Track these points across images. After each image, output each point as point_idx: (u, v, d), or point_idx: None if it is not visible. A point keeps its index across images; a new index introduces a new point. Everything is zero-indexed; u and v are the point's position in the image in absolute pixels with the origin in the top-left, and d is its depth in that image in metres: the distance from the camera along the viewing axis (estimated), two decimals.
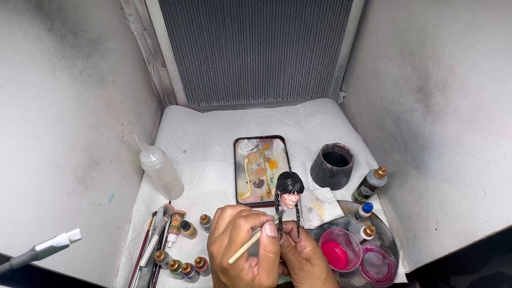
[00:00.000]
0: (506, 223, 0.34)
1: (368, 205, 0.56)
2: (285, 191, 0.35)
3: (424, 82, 0.50)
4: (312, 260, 0.37)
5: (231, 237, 0.31)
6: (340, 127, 0.83)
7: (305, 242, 0.38)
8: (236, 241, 0.30)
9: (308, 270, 0.36)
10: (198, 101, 0.90)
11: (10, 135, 0.32)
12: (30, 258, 0.20)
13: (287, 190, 0.34)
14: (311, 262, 0.37)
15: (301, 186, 0.35)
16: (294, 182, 0.34)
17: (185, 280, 0.54)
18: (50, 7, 0.41)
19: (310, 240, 0.39)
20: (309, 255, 0.37)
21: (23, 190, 0.33)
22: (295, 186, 0.34)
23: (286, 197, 0.35)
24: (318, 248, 0.39)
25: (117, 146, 0.58)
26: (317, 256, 0.37)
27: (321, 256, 0.38)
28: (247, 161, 0.75)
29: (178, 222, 0.61)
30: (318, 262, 0.37)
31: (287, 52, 0.78)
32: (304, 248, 0.38)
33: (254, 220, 0.32)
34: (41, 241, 0.20)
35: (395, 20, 0.58)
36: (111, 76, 0.58)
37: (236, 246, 0.30)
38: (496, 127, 0.36)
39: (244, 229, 0.31)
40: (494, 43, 0.36)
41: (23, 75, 0.35)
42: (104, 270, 0.49)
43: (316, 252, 0.38)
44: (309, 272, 0.36)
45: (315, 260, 0.37)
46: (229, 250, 0.30)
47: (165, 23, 0.68)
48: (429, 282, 0.51)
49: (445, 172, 0.46)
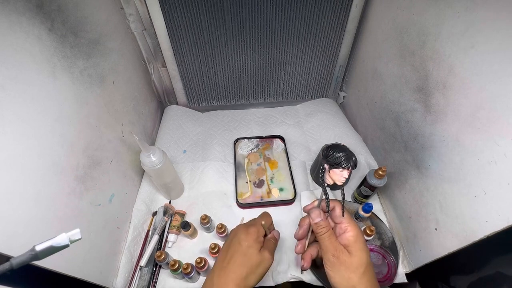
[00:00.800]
0: (506, 223, 0.34)
1: (368, 205, 0.56)
2: (338, 165, 0.31)
3: (424, 82, 0.50)
4: (351, 248, 0.32)
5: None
6: (340, 127, 0.83)
7: (346, 225, 0.33)
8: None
9: (344, 260, 0.31)
10: (198, 101, 0.90)
11: (10, 135, 0.32)
12: (30, 258, 0.20)
13: (340, 165, 0.30)
14: (349, 251, 0.32)
15: (356, 161, 0.31)
16: (349, 156, 0.31)
17: (185, 280, 0.54)
18: (51, 7, 0.41)
19: (354, 225, 0.33)
20: (349, 242, 0.32)
21: (23, 190, 0.33)
22: (350, 161, 0.31)
23: (338, 172, 0.31)
24: (361, 236, 0.33)
25: (117, 146, 0.58)
26: (358, 246, 0.32)
27: (363, 246, 0.32)
28: (247, 161, 0.75)
29: (178, 222, 0.61)
30: (358, 253, 0.32)
31: (287, 52, 0.78)
32: (344, 231, 0.33)
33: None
34: (41, 241, 0.20)
35: (395, 20, 0.58)
36: (111, 76, 0.58)
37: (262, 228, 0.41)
38: (496, 127, 0.36)
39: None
40: (494, 43, 0.36)
41: (23, 75, 0.35)
42: (104, 270, 0.49)
43: (358, 241, 0.32)
44: (345, 262, 0.31)
45: (355, 250, 0.32)
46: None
47: (165, 23, 0.68)
48: (429, 282, 0.51)
49: (445, 172, 0.46)
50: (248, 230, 0.38)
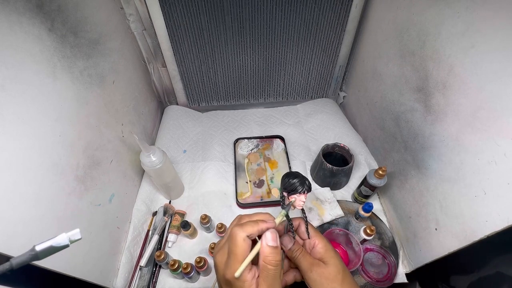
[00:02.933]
0: (506, 223, 0.34)
1: (368, 205, 0.56)
2: (294, 191, 0.33)
3: (424, 82, 0.50)
4: (325, 259, 0.33)
5: (228, 248, 0.29)
6: (340, 127, 0.83)
7: (314, 239, 0.35)
8: (234, 252, 0.28)
9: (322, 271, 0.32)
10: (198, 101, 0.90)
11: (10, 135, 0.32)
12: (30, 258, 0.20)
13: (296, 191, 0.33)
14: (324, 262, 0.33)
15: (310, 184, 0.33)
16: (302, 181, 0.33)
17: (185, 280, 0.54)
18: (51, 7, 0.41)
19: (320, 237, 0.35)
20: (321, 254, 0.34)
21: (23, 190, 0.33)
22: (304, 186, 0.33)
23: (296, 197, 0.33)
24: (329, 245, 0.35)
25: (117, 146, 0.58)
26: (330, 255, 0.33)
27: (334, 254, 0.34)
28: (247, 161, 0.75)
29: (178, 222, 0.61)
30: (332, 261, 0.33)
31: (287, 52, 0.78)
32: (314, 246, 0.34)
33: (251, 229, 0.29)
34: (41, 241, 0.20)
35: (395, 20, 0.58)
36: (111, 76, 0.58)
37: (234, 257, 0.28)
38: (496, 127, 0.36)
39: (239, 238, 0.28)
40: (494, 43, 0.36)
41: (23, 75, 0.35)
42: (104, 270, 0.49)
43: (328, 250, 0.34)
44: (324, 274, 0.32)
45: (328, 259, 0.33)
46: (228, 262, 0.29)
47: (165, 23, 0.68)
48: (429, 282, 0.51)
49: (445, 172, 0.46)
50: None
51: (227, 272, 0.28)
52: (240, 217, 0.34)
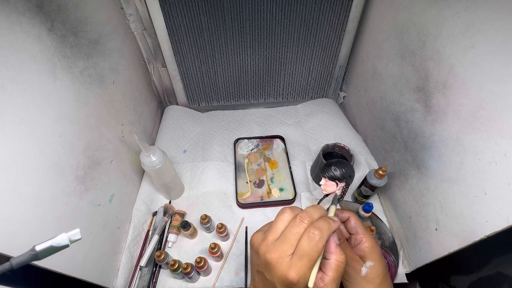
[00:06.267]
0: (506, 223, 0.34)
1: (368, 205, 0.56)
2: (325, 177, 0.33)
3: (424, 82, 0.50)
4: (367, 259, 0.32)
5: (304, 251, 0.26)
6: (340, 127, 0.83)
7: (362, 236, 0.33)
8: (311, 256, 0.26)
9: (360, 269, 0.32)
10: (198, 101, 0.90)
11: (10, 135, 0.32)
12: (30, 258, 0.20)
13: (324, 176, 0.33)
14: (365, 262, 0.32)
15: (340, 173, 0.34)
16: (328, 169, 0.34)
17: (185, 280, 0.54)
18: (51, 7, 0.41)
19: (369, 236, 0.33)
20: (364, 253, 0.32)
21: (23, 190, 0.33)
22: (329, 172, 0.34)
23: (324, 182, 0.34)
24: (377, 246, 0.33)
25: (118, 146, 0.58)
26: (374, 256, 0.32)
27: (379, 257, 0.33)
28: (247, 161, 0.75)
29: (178, 222, 0.61)
30: (375, 263, 0.32)
31: (287, 52, 0.78)
32: (359, 242, 0.33)
33: (328, 232, 0.27)
34: (41, 241, 0.20)
35: (395, 20, 0.58)
36: (111, 76, 0.58)
37: (310, 262, 0.26)
38: (496, 127, 0.36)
39: (321, 244, 0.26)
40: (494, 43, 0.36)
41: (23, 75, 0.35)
42: (104, 270, 0.49)
43: (373, 251, 0.32)
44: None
45: (372, 261, 0.32)
46: (297, 264, 0.26)
47: (165, 23, 0.68)
48: (429, 282, 0.51)
49: (445, 172, 0.46)
50: None
51: (291, 272, 0.26)
52: (308, 211, 0.29)
